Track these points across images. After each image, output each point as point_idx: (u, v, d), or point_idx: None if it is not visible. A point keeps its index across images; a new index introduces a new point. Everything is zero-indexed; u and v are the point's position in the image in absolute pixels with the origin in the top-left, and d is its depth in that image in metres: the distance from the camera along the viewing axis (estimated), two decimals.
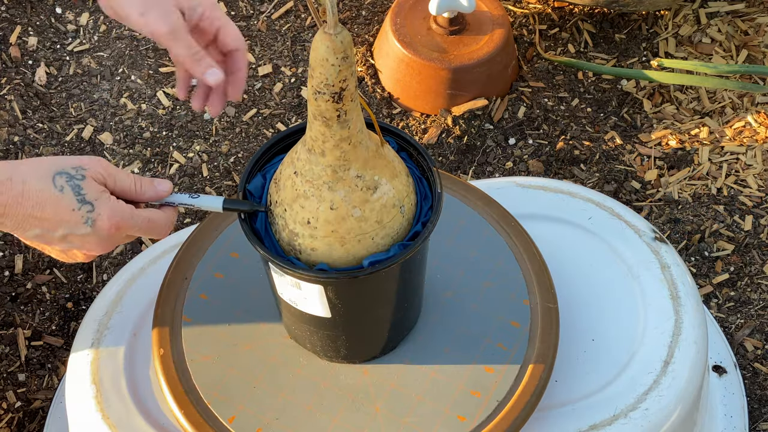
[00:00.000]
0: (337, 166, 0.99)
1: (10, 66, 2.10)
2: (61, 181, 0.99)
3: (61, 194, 0.99)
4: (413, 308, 1.18)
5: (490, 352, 1.18)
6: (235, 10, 2.20)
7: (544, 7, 2.19)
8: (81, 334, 1.29)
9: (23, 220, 0.99)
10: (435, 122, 2.00)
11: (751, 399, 1.68)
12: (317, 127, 0.98)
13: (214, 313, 1.23)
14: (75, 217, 1.00)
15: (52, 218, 0.99)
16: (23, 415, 1.69)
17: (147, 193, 1.05)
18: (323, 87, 0.95)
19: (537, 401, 1.14)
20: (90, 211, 1.00)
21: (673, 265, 1.32)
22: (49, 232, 1.01)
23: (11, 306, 1.79)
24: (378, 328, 1.15)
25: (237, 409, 1.15)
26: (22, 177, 0.98)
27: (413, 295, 1.15)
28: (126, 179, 1.04)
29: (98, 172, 1.01)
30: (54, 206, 0.99)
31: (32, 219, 0.99)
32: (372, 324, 1.14)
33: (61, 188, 0.99)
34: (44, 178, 0.99)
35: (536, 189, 1.41)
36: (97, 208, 1.00)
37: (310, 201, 1.01)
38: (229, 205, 1.05)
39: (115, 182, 1.03)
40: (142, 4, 1.07)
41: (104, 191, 1.01)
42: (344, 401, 1.16)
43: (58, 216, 0.99)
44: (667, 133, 2.01)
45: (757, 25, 2.16)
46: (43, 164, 1.00)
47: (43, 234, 1.01)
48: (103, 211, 1.00)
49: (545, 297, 1.22)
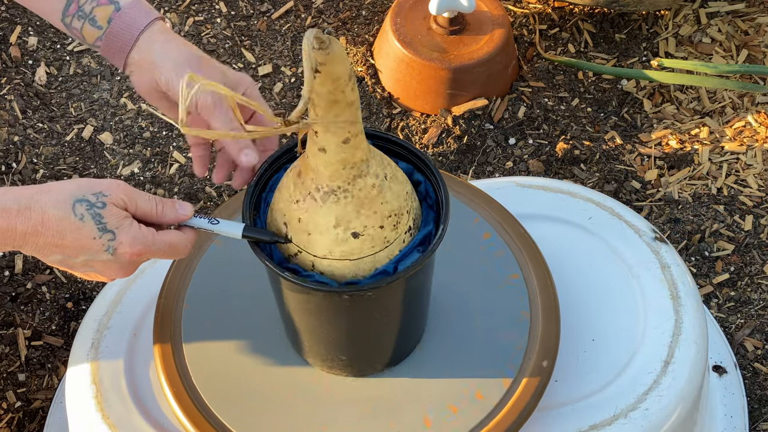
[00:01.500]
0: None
1: (10, 66, 2.10)
2: (81, 210, 0.98)
3: (82, 223, 0.98)
4: (413, 323, 1.17)
5: (491, 351, 1.18)
6: (235, 10, 2.20)
7: (544, 7, 2.19)
8: (81, 334, 1.29)
9: (43, 247, 0.99)
10: (435, 122, 2.00)
11: (751, 399, 1.68)
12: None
13: (214, 313, 1.23)
14: (96, 245, 0.99)
15: (73, 246, 0.99)
16: (23, 415, 1.69)
17: (168, 216, 1.04)
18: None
19: (537, 401, 1.14)
20: (111, 240, 0.99)
21: (673, 265, 1.32)
22: (70, 258, 1.01)
23: (11, 306, 1.79)
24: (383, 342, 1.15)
25: (237, 408, 1.15)
26: (42, 206, 0.98)
27: (414, 314, 1.15)
28: (147, 203, 1.03)
29: (119, 197, 1.01)
30: (74, 234, 0.99)
31: (53, 246, 0.99)
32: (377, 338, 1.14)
33: (81, 217, 0.98)
34: (64, 207, 0.98)
35: (536, 189, 1.41)
36: (118, 236, 1.00)
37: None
38: (249, 234, 1.03)
39: (136, 206, 1.02)
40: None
41: (126, 217, 1.01)
42: (341, 407, 1.16)
43: (78, 243, 0.99)
44: (667, 133, 2.01)
45: (757, 25, 2.16)
46: (63, 191, 0.99)
47: (64, 260, 1.01)
48: (125, 239, 1.00)
49: (545, 296, 1.22)
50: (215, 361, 1.19)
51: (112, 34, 1.12)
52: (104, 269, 1.03)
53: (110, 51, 1.13)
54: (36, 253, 1.01)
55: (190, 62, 1.09)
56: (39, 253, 1.00)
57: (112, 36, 1.12)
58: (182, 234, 1.05)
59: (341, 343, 1.13)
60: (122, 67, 1.13)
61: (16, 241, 0.98)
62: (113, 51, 1.12)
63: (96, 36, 1.13)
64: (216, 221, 1.05)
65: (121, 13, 1.11)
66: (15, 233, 0.98)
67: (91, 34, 1.13)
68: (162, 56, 1.10)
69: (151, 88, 1.12)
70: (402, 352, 1.18)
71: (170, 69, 1.09)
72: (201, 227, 1.05)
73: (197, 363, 1.19)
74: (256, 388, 1.17)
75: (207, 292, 1.25)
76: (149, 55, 1.11)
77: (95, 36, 1.13)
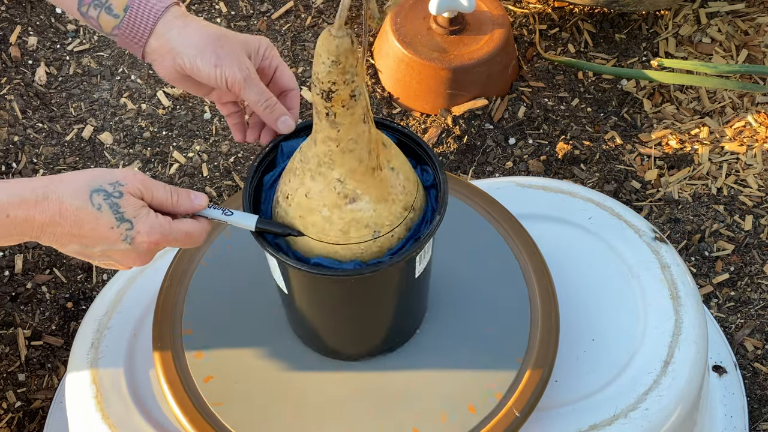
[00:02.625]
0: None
1: (10, 66, 2.10)
2: (98, 199, 0.99)
3: (99, 212, 0.99)
4: (411, 312, 1.18)
5: (490, 351, 1.18)
6: (235, 10, 2.20)
7: (544, 7, 2.19)
8: (81, 334, 1.29)
9: (61, 236, 1.00)
10: (435, 122, 2.00)
11: (751, 399, 1.68)
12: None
13: (214, 313, 1.23)
14: (114, 234, 1.00)
15: (91, 236, 1.00)
16: (23, 415, 1.69)
17: (183, 206, 1.05)
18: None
19: (536, 401, 1.14)
20: (129, 229, 1.00)
21: (673, 265, 1.32)
22: (88, 248, 1.01)
23: (11, 306, 1.79)
24: (376, 325, 1.16)
25: (238, 408, 1.15)
26: (59, 195, 0.98)
27: (409, 301, 1.15)
28: (163, 192, 1.03)
29: (136, 187, 1.01)
30: (92, 224, 0.99)
31: (71, 236, 1.00)
32: (372, 320, 1.14)
33: (99, 206, 0.99)
34: (81, 196, 0.99)
35: (536, 189, 1.41)
36: (136, 226, 1.00)
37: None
38: (262, 226, 1.04)
39: (152, 196, 1.03)
40: (215, 56, 1.09)
41: (143, 206, 1.01)
42: (341, 407, 1.16)
43: (96, 233, 1.00)
44: (667, 133, 2.01)
45: (757, 25, 2.16)
46: (80, 181, 1.00)
47: (81, 250, 1.02)
48: (142, 228, 1.01)
49: (545, 296, 1.22)
50: (215, 361, 1.19)
51: (129, 22, 1.12)
52: (122, 258, 1.03)
53: (128, 39, 1.13)
54: (53, 243, 1.01)
55: (211, 43, 1.11)
56: (56, 243, 1.01)
57: (130, 24, 1.12)
58: (197, 223, 1.05)
59: (346, 327, 1.14)
60: (141, 55, 1.13)
61: (34, 231, 0.99)
62: (131, 39, 1.13)
63: (113, 25, 1.13)
64: (230, 212, 1.05)
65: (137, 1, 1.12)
66: (33, 224, 0.98)
67: (107, 23, 1.13)
68: (182, 42, 1.11)
69: (175, 72, 1.13)
70: (399, 338, 1.19)
71: (193, 53, 1.10)
72: (215, 218, 1.06)
73: (197, 363, 1.19)
74: (256, 387, 1.17)
75: (207, 292, 1.25)
76: (168, 42, 1.11)
77: (112, 25, 1.13)
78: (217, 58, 1.09)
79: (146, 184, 1.02)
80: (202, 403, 1.16)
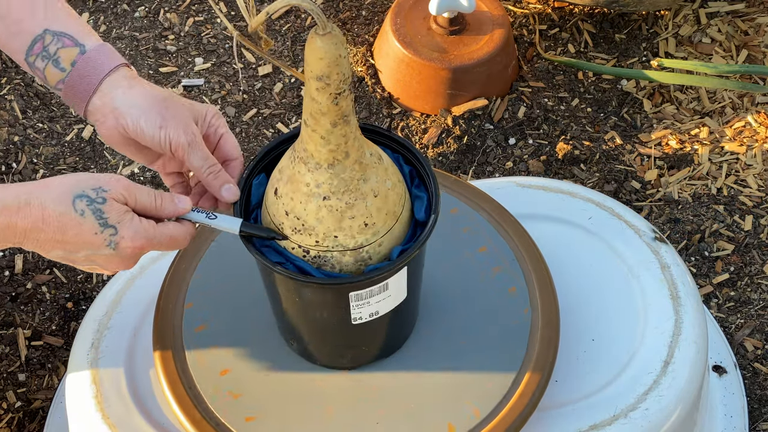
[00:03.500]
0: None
1: (10, 66, 2.10)
2: (81, 205, 0.99)
3: (83, 218, 0.99)
4: (402, 321, 1.17)
5: (490, 351, 1.19)
6: (235, 10, 2.20)
7: (544, 7, 2.19)
8: (81, 334, 1.29)
9: (45, 243, 0.99)
10: (435, 122, 2.00)
11: (751, 399, 1.68)
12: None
13: (214, 313, 1.23)
14: (98, 240, 1.00)
15: (75, 241, 0.99)
16: (23, 415, 1.69)
17: (167, 210, 1.04)
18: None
19: (537, 401, 1.14)
20: (113, 235, 1.00)
21: (673, 265, 1.32)
22: (72, 254, 1.01)
23: (11, 306, 1.79)
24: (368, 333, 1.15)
25: (238, 408, 1.15)
26: (41, 201, 0.98)
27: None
28: (146, 197, 1.03)
29: (119, 192, 1.01)
30: (76, 230, 0.99)
31: (54, 242, 0.99)
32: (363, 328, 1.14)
33: (82, 212, 0.99)
34: (64, 202, 0.98)
35: (536, 189, 1.41)
36: (120, 231, 1.00)
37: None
38: (247, 230, 1.04)
39: (136, 200, 1.02)
40: (160, 118, 1.06)
41: (127, 211, 1.01)
42: (342, 406, 1.16)
43: (80, 239, 0.99)
44: (667, 133, 2.01)
45: (757, 25, 2.16)
46: (62, 186, 0.99)
47: (65, 255, 1.01)
48: (126, 233, 1.00)
49: (545, 297, 1.22)
50: (215, 361, 1.19)
51: (74, 77, 1.08)
52: (106, 263, 1.03)
53: (72, 94, 1.09)
54: (37, 249, 1.01)
55: (156, 105, 1.07)
56: (40, 249, 1.01)
57: (75, 79, 1.08)
58: (182, 226, 1.05)
59: (337, 334, 1.13)
60: (83, 113, 1.09)
61: (16, 237, 0.98)
62: (75, 95, 1.09)
63: (58, 78, 1.09)
64: (214, 216, 1.05)
65: (86, 56, 1.08)
66: (16, 230, 0.98)
67: (53, 76, 1.09)
68: (126, 101, 1.07)
69: (118, 134, 1.09)
70: (396, 343, 1.19)
71: (137, 114, 1.07)
72: (199, 221, 1.06)
73: (197, 363, 1.19)
74: (256, 387, 1.17)
75: (207, 292, 1.25)
76: (112, 101, 1.08)
77: (58, 78, 1.09)
78: (162, 120, 1.06)
79: (130, 189, 1.02)
80: (202, 403, 1.16)
